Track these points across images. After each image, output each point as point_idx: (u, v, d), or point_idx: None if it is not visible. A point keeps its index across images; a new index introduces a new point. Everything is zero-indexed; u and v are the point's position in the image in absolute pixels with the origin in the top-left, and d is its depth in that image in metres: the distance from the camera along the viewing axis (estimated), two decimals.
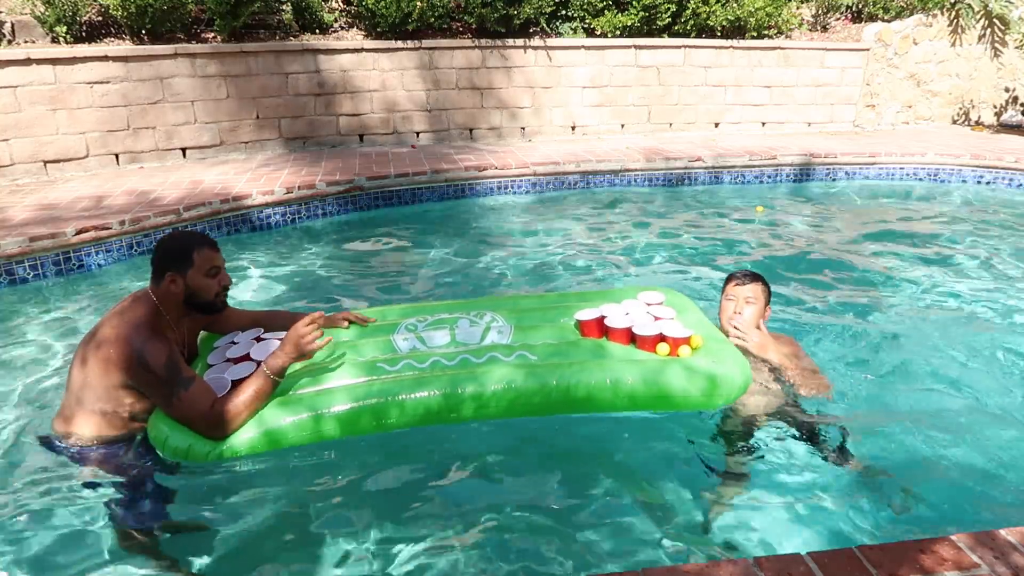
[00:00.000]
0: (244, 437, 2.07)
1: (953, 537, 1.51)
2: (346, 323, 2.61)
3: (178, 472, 2.19)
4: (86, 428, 2.15)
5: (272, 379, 2.11)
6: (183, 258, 2.18)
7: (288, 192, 5.29)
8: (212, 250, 2.25)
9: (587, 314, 2.48)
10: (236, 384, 2.17)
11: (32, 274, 4.13)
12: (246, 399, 2.07)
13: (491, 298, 3.31)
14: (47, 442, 2.24)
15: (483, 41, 7.25)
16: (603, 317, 2.47)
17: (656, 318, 2.49)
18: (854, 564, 1.43)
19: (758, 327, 2.64)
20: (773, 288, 2.80)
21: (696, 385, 2.26)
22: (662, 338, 2.35)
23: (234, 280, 4.09)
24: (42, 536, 2.02)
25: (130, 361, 2.04)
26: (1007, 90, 8.94)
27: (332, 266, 4.50)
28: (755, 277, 2.69)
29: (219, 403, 2.05)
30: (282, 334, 2.41)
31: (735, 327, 2.61)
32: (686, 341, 2.34)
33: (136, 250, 4.52)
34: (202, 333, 2.56)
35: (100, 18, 6.42)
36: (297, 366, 2.30)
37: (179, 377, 2.05)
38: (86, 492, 2.13)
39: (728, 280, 2.73)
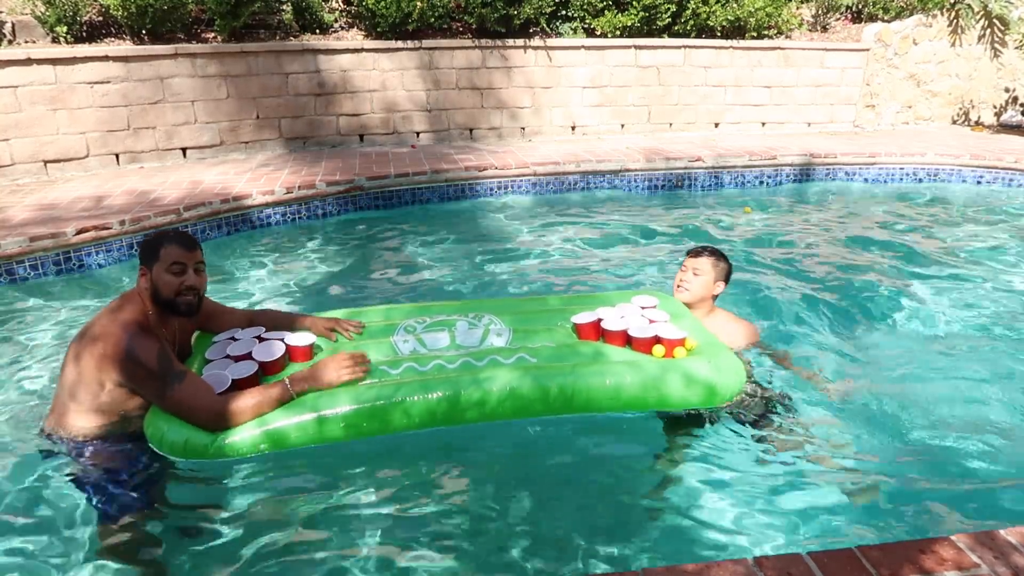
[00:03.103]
0: (244, 436, 2.07)
1: (953, 537, 1.51)
2: (334, 335, 2.55)
3: (170, 469, 2.19)
4: (78, 425, 2.15)
5: (291, 397, 2.13)
6: (151, 253, 2.18)
7: (288, 192, 5.29)
8: (180, 247, 2.19)
9: (583, 317, 2.52)
10: (237, 382, 2.17)
11: (32, 274, 4.13)
12: (257, 403, 2.07)
13: (489, 300, 3.33)
14: (41, 438, 2.24)
15: (483, 41, 7.26)
16: (599, 320, 2.50)
17: (651, 321, 2.52)
18: (854, 564, 1.43)
19: (713, 298, 2.92)
20: (771, 288, 2.82)
21: (694, 386, 2.30)
22: (657, 340, 2.39)
23: (234, 280, 4.14)
24: (33, 532, 2.03)
25: (120, 358, 2.04)
26: (1007, 90, 8.95)
27: (332, 266, 4.50)
28: (711, 252, 2.92)
29: (228, 399, 2.06)
30: (283, 334, 2.41)
31: (682, 291, 2.89)
32: (680, 343, 2.39)
33: (136, 250, 4.52)
34: (196, 332, 2.55)
35: (100, 18, 6.42)
36: (296, 366, 2.32)
37: (171, 371, 2.05)
38: (77, 489, 2.14)
39: (687, 253, 2.99)
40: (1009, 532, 1.53)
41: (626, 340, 2.44)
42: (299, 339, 2.39)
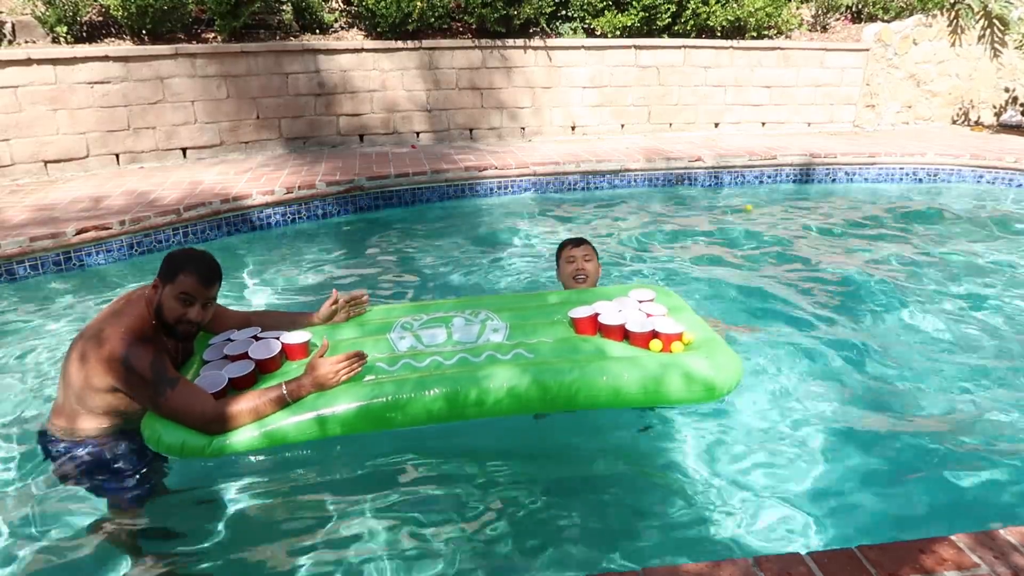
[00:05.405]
0: (241, 435, 2.06)
1: (953, 537, 1.51)
2: (342, 314, 2.64)
3: (172, 466, 2.19)
4: (80, 424, 2.15)
5: (288, 402, 2.11)
6: (170, 272, 2.17)
7: (288, 192, 5.29)
8: (197, 281, 2.16)
9: (581, 312, 2.50)
10: (233, 382, 2.17)
11: (33, 274, 4.13)
12: (253, 408, 2.06)
13: (486, 297, 3.31)
14: (42, 438, 2.25)
15: (483, 41, 7.26)
16: (597, 315, 2.48)
17: (648, 315, 2.51)
18: (854, 564, 1.43)
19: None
20: (771, 288, 2.82)
21: (693, 380, 2.27)
22: (655, 334, 2.37)
23: (234, 280, 4.14)
24: (35, 530, 2.03)
25: (116, 365, 2.04)
26: (1007, 90, 8.95)
27: (332, 266, 4.50)
28: (585, 239, 3.13)
29: (224, 404, 2.05)
30: (279, 333, 2.41)
31: (582, 280, 3.00)
32: (678, 337, 2.37)
33: (136, 250, 4.52)
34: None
35: (100, 18, 6.43)
36: (292, 364, 2.32)
37: (164, 377, 2.05)
38: (80, 487, 2.14)
39: (563, 247, 3.12)
40: (1009, 532, 1.53)
41: (624, 334, 2.43)
42: (295, 337, 2.38)
